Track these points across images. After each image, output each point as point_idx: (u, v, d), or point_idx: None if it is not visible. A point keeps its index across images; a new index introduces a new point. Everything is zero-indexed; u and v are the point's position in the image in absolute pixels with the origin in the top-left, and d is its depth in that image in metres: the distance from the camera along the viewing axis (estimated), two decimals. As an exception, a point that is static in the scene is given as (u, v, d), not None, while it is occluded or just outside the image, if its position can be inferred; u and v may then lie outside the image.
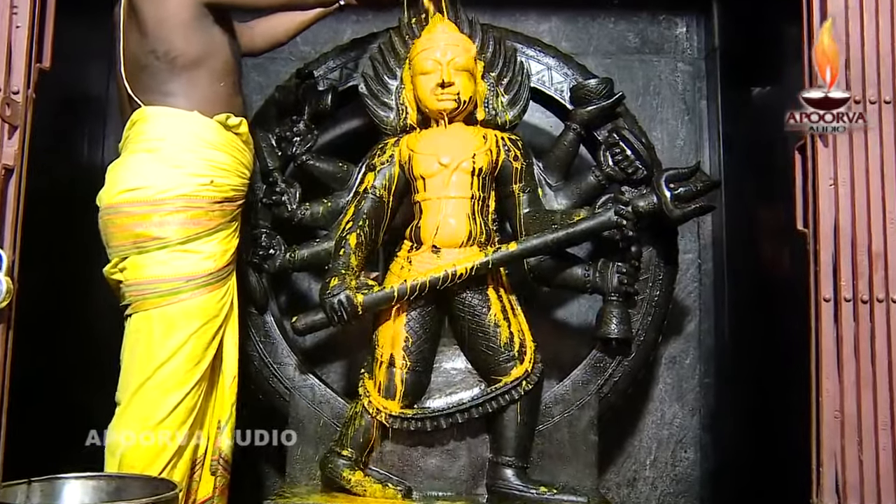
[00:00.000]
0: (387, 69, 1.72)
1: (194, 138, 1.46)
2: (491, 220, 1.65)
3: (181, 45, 1.45)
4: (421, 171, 1.61)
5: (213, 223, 1.47)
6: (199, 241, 1.45)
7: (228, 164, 1.51)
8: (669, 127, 2.18)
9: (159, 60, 1.45)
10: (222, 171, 1.49)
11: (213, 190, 1.47)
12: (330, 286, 1.52)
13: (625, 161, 1.67)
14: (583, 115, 1.70)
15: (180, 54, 1.45)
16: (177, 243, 1.43)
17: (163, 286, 1.42)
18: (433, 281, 1.52)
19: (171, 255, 1.43)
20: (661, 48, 2.23)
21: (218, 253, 1.48)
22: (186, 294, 1.43)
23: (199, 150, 1.46)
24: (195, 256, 1.45)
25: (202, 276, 1.45)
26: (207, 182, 1.46)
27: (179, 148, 1.45)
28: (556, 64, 1.80)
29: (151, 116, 1.47)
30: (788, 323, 1.55)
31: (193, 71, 1.47)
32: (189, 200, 1.44)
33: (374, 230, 1.63)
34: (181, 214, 1.43)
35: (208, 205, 1.46)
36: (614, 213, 1.53)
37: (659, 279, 1.72)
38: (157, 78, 1.46)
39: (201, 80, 1.48)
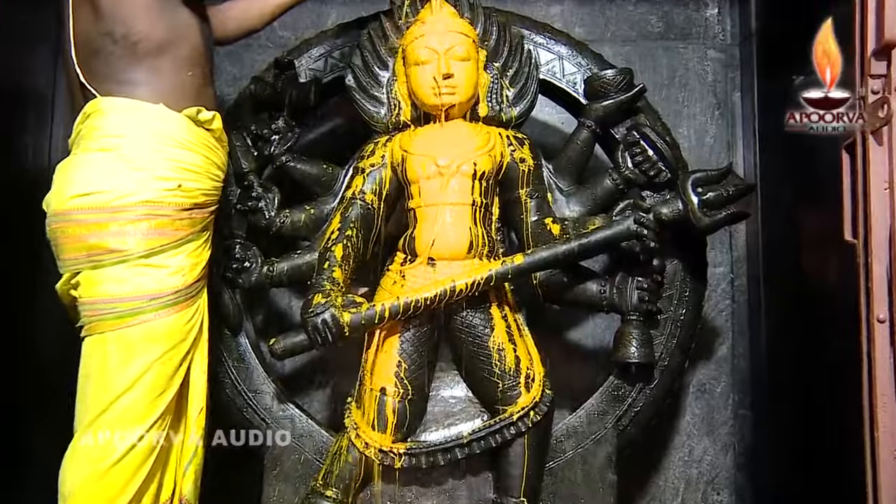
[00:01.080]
0: (377, 59, 1.76)
1: (159, 135, 1.45)
2: (494, 230, 1.69)
3: (143, 28, 1.44)
4: (416, 174, 1.64)
5: (181, 233, 1.47)
6: (164, 255, 1.45)
7: (199, 165, 1.50)
8: (697, 123, 2.22)
9: (117, 45, 1.44)
10: (192, 174, 1.49)
11: (180, 195, 1.46)
12: (312, 304, 1.54)
13: (646, 162, 1.71)
14: (598, 110, 1.74)
15: (142, 38, 1.45)
16: (138, 257, 1.42)
17: (122, 306, 1.41)
18: (429, 298, 1.54)
19: (131, 270, 1.42)
20: (689, 33, 2.27)
21: (186, 267, 1.48)
22: (150, 315, 1.43)
23: (165, 150, 1.46)
24: (160, 272, 1.44)
25: (168, 295, 1.45)
26: (174, 186, 1.45)
27: (142, 146, 1.44)
28: (569, 52, 1.84)
29: (108, 109, 1.45)
30: (836, 347, 1.58)
31: (157, 58, 1.47)
32: (153, 207, 1.43)
33: (362, 241, 1.66)
34: (144, 223, 1.42)
35: (175, 212, 1.46)
36: (634, 222, 1.56)
37: (685, 296, 1.75)
38: (114, 65, 1.45)
39: (166, 68, 1.48)
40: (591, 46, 1.89)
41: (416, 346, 1.63)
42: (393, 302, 1.55)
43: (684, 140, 2.15)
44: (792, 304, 1.93)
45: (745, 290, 2.18)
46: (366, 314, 1.54)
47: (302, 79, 1.83)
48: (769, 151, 2.08)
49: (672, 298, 1.74)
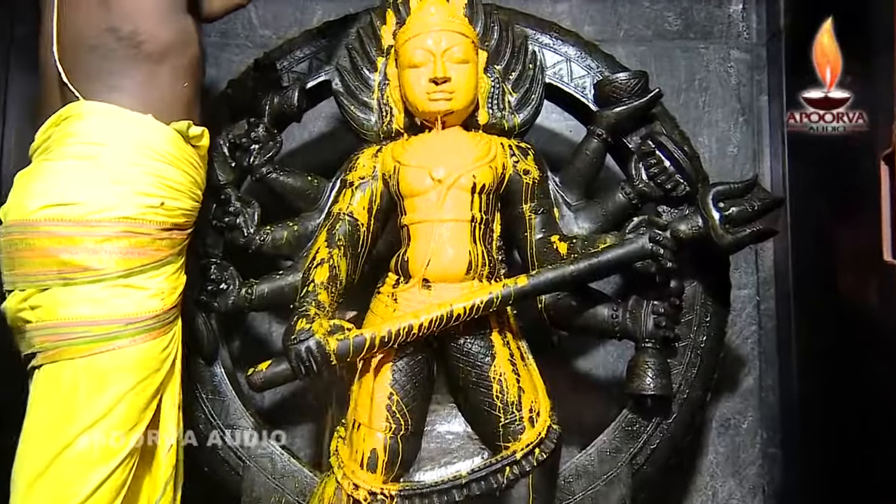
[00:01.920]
0: (367, 61, 1.80)
1: (143, 147, 1.48)
2: (496, 249, 1.71)
3: (151, 27, 1.47)
4: (409, 187, 1.67)
5: (162, 254, 1.50)
6: (143, 276, 1.47)
7: (182, 183, 1.53)
8: (719, 131, 2.25)
9: (120, 43, 1.46)
10: (175, 192, 1.51)
11: (162, 214, 1.49)
12: (295, 330, 1.54)
13: (662, 174, 1.74)
14: (610, 117, 1.77)
15: (148, 39, 1.47)
16: (116, 276, 1.44)
17: (95, 330, 1.42)
18: (424, 324, 1.55)
19: (108, 290, 1.43)
20: (710, 32, 2.30)
21: (166, 290, 1.51)
22: (125, 340, 1.44)
23: (149, 164, 1.48)
24: (139, 294, 1.46)
25: (146, 319, 1.47)
26: (157, 204, 1.48)
27: (124, 159, 1.46)
28: (577, 54, 1.87)
29: (91, 114, 1.46)
30: (876, 377, 1.60)
31: (158, 63, 1.49)
32: (133, 225, 1.45)
33: (350, 261, 1.68)
34: (122, 241, 1.44)
35: (156, 231, 1.48)
36: (649, 240, 1.57)
37: (706, 322, 1.77)
38: (109, 65, 1.47)
39: (163, 75, 1.50)
40: (601, 47, 1.92)
41: (409, 376, 1.64)
42: (384, 328, 1.56)
43: (705, 149, 2.18)
44: (826, 331, 1.95)
45: (773, 315, 2.19)
46: (354, 341, 1.55)
47: (285, 82, 1.85)
48: (799, 161, 2.10)
49: (691, 324, 1.76)
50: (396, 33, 1.76)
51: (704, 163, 1.86)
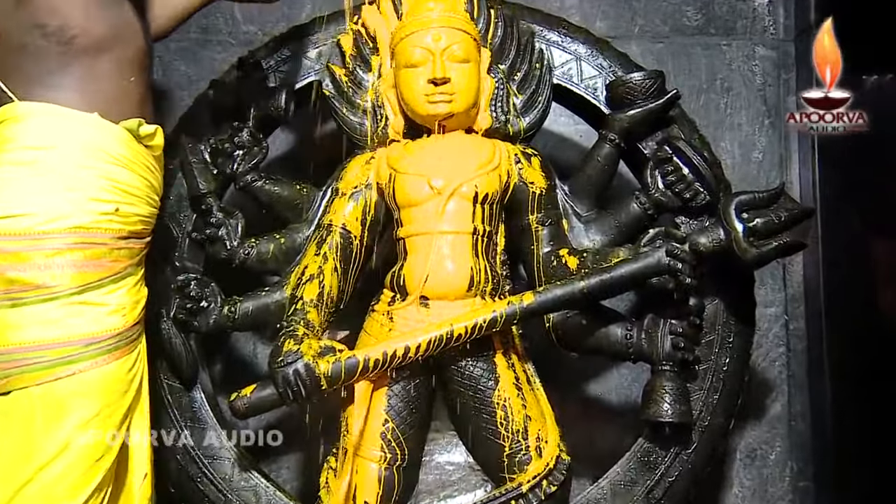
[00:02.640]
0: (360, 60, 1.82)
1: (92, 149, 1.46)
2: (499, 263, 1.73)
3: (82, 20, 1.45)
4: (406, 196, 1.68)
5: (120, 265, 1.49)
6: (100, 290, 1.46)
7: (137, 187, 1.52)
8: (743, 135, 2.26)
9: (48, 39, 1.44)
10: (130, 196, 1.50)
11: (118, 221, 1.48)
12: (282, 351, 1.55)
13: (680, 182, 1.74)
14: (623, 120, 1.78)
15: (80, 32, 1.45)
16: (71, 293, 1.42)
17: (50, 354, 1.40)
18: (422, 345, 1.56)
19: (62, 309, 1.41)
20: (733, 27, 2.31)
21: (127, 306, 1.50)
22: (85, 363, 1.43)
23: (100, 166, 1.46)
24: (97, 311, 1.45)
25: (107, 339, 1.46)
26: (111, 210, 1.47)
27: (72, 162, 1.44)
28: (588, 52, 1.88)
29: (28, 115, 1.44)
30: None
31: (96, 58, 1.48)
32: (86, 234, 1.44)
33: (342, 276, 1.70)
34: (76, 254, 1.43)
35: (112, 241, 1.47)
36: (666, 254, 1.57)
37: (729, 343, 1.77)
38: (41, 64, 1.46)
39: (105, 71, 1.49)
40: (614, 44, 1.92)
41: (406, 402, 1.66)
42: (379, 349, 1.57)
43: (727, 155, 2.20)
44: (861, 352, 1.95)
45: (804, 336, 2.20)
46: (346, 364, 1.56)
47: (271, 83, 1.87)
48: (831, 168, 2.10)
49: (713, 345, 1.76)
50: (393, 30, 1.77)
51: (727, 170, 1.87)
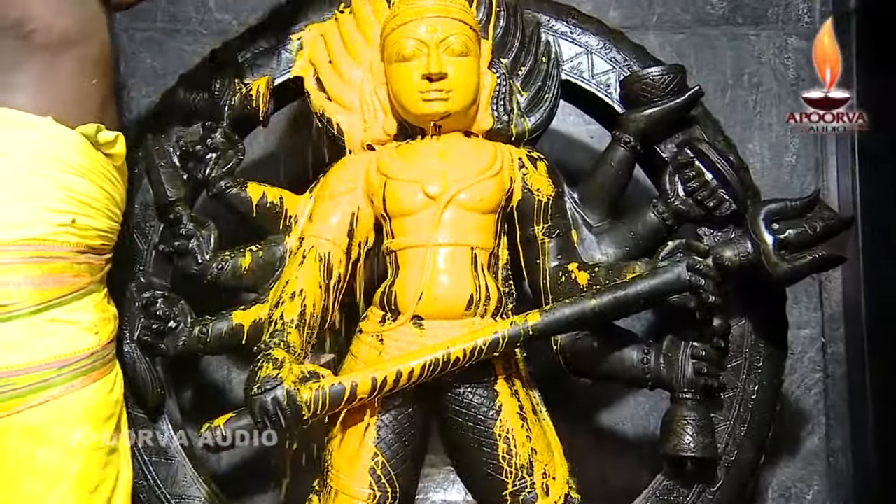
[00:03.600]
0: (347, 53, 1.83)
1: (46, 156, 1.47)
2: (502, 279, 1.75)
3: (44, 13, 1.46)
4: (398, 205, 1.70)
5: (82, 281, 1.50)
6: (66, 307, 1.47)
7: (96, 198, 1.52)
8: (774, 135, 2.27)
9: (4, 34, 1.45)
10: (87, 208, 1.50)
11: (75, 233, 1.48)
12: (260, 377, 1.53)
13: (703, 189, 1.75)
14: (639, 120, 1.79)
15: (41, 27, 1.46)
16: (31, 311, 1.42)
17: (18, 381, 1.40)
18: (415, 370, 1.56)
19: (25, 330, 1.42)
20: (763, 15, 2.32)
21: (98, 322, 1.51)
22: (59, 388, 1.43)
23: (55, 175, 1.47)
24: (68, 329, 1.46)
25: (82, 359, 1.46)
26: (68, 221, 1.47)
27: (25, 169, 1.45)
28: (600, 44, 1.90)
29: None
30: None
31: (57, 55, 1.48)
32: (43, 247, 1.44)
33: (327, 294, 1.70)
34: (33, 268, 1.43)
35: (71, 254, 1.48)
36: (687, 269, 1.57)
37: (757, 368, 1.78)
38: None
39: (65, 70, 1.49)
40: (629, 35, 1.93)
41: (397, 433, 1.66)
42: (367, 375, 1.56)
43: (755, 159, 2.21)
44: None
45: (843, 360, 2.21)
46: (331, 391, 1.55)
47: (248, 78, 1.88)
48: (873, 172, 2.12)
49: (740, 371, 1.77)
50: (383, 19, 1.78)
51: (755, 175, 1.87)
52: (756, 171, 1.94)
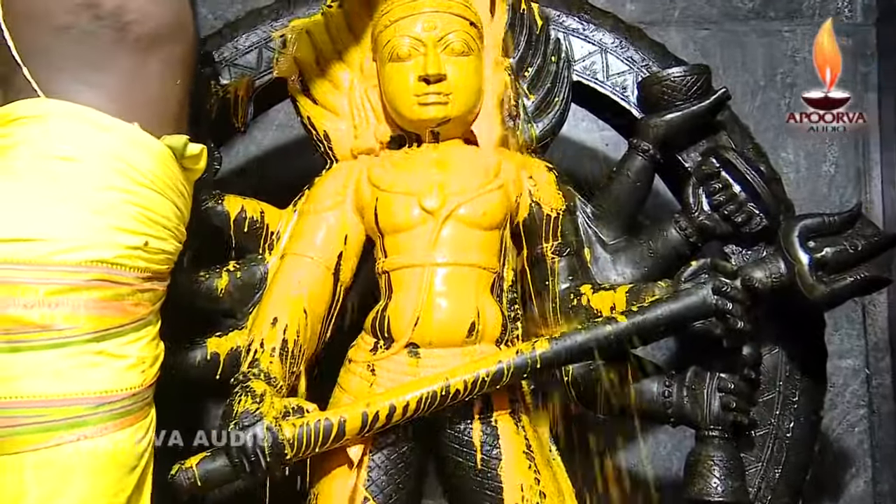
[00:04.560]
0: (336, 51, 1.85)
1: (126, 168, 1.44)
2: (507, 302, 1.76)
3: (144, 3, 1.46)
4: (392, 220, 1.71)
5: (142, 311, 1.48)
6: (121, 339, 1.44)
7: (169, 218, 1.51)
8: (810, 143, 2.28)
9: (100, 23, 1.43)
10: (161, 229, 1.49)
11: (144, 258, 1.47)
12: (237, 412, 1.55)
13: (730, 203, 1.76)
14: (659, 126, 1.79)
15: (139, 19, 1.45)
16: (86, 340, 1.40)
17: (53, 413, 1.37)
18: (410, 404, 1.56)
19: (73, 359, 1.39)
20: (797, 9, 2.34)
21: (147, 360, 1.49)
22: (93, 428, 1.40)
23: (134, 190, 1.45)
24: (115, 364, 1.43)
25: (123, 399, 1.44)
26: (140, 244, 1.45)
27: (102, 181, 1.42)
28: (616, 42, 1.91)
29: (55, 116, 1.43)
30: None
31: (147, 53, 1.48)
32: (109, 271, 1.42)
33: (313, 318, 1.71)
34: (94, 292, 1.40)
35: (137, 281, 1.46)
36: (712, 291, 1.57)
37: (793, 403, 1.78)
38: (82, 53, 1.44)
39: (153, 70, 1.49)
40: (648, 32, 1.94)
41: (391, 475, 1.66)
42: (357, 409, 1.57)
43: (790, 169, 2.23)
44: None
45: (890, 394, 2.21)
46: (317, 427, 1.55)
47: (225, 79, 1.89)
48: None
49: (773, 406, 1.77)
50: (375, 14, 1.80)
51: (789, 186, 1.88)
52: (790, 182, 1.94)
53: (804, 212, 1.72)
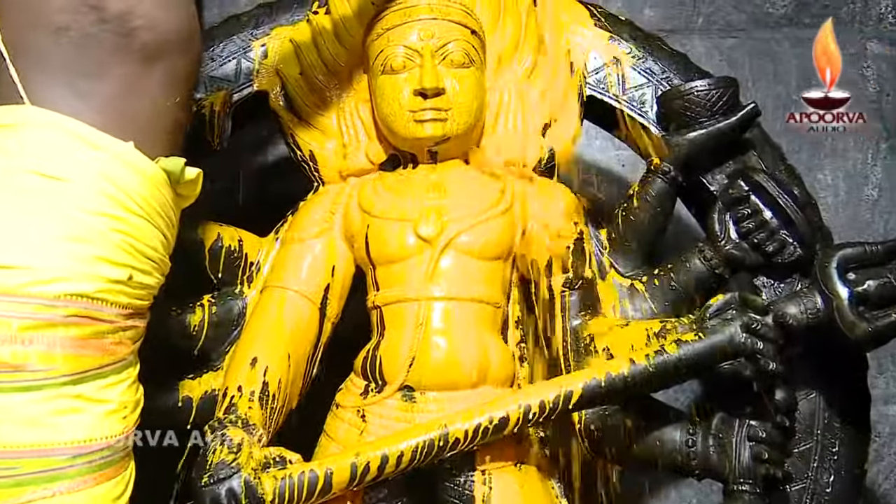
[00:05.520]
0: (322, 62, 1.87)
1: (115, 192, 1.42)
2: (514, 339, 1.78)
3: (153, 9, 1.44)
4: (384, 250, 1.72)
5: (124, 350, 1.47)
6: (101, 382, 1.42)
7: (155, 247, 1.49)
8: (850, 163, 2.30)
9: (103, 27, 1.41)
10: (146, 262, 1.47)
11: (127, 293, 1.45)
12: (212, 463, 1.55)
13: (761, 230, 1.76)
14: (682, 145, 1.80)
15: (146, 25, 1.43)
16: (63, 382, 1.37)
17: (25, 465, 1.34)
18: (405, 454, 1.55)
19: (47, 404, 1.36)
20: (836, 15, 2.36)
21: (129, 405, 1.48)
22: (68, 482, 1.37)
23: (120, 216, 1.42)
24: (95, 409, 1.41)
25: (101, 449, 1.41)
26: (124, 277, 1.43)
27: (85, 203, 1.39)
28: (633, 52, 1.92)
29: (41, 127, 1.39)
30: None
31: (151, 63, 1.46)
32: (90, 306, 1.39)
33: (297, 359, 1.73)
34: (72, 330, 1.37)
35: (120, 318, 1.44)
36: (741, 329, 1.57)
37: (832, 454, 1.78)
38: (82, 59, 1.42)
39: (155, 83, 1.48)
40: (668, 41, 1.95)
41: (383, 532, 1.66)
42: (346, 460, 1.56)
43: (827, 193, 2.24)
44: None
45: (945, 445, 2.21)
46: (300, 480, 1.54)
47: (200, 92, 1.90)
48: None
49: (810, 457, 1.77)
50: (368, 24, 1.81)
51: (826, 211, 1.89)
52: (827, 207, 1.95)
53: (843, 240, 1.71)
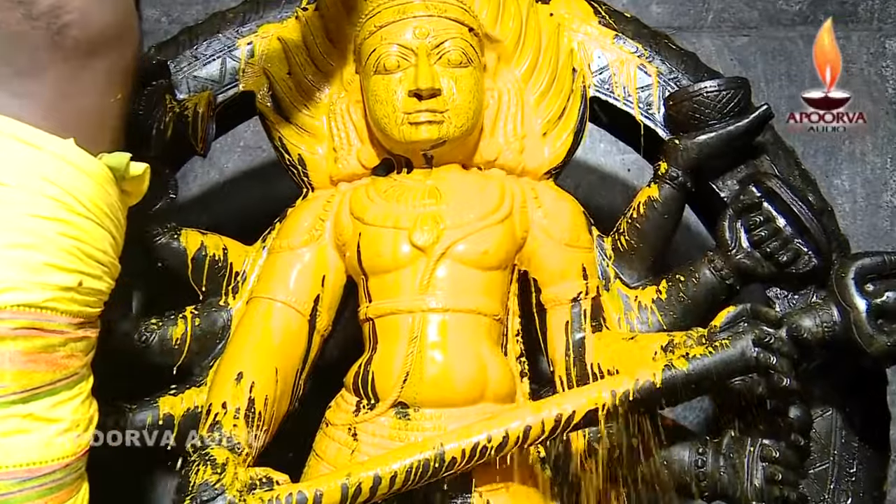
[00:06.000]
0: (312, 61, 1.88)
1: (61, 193, 1.41)
2: (515, 353, 1.78)
3: (83, 3, 1.42)
4: (376, 258, 1.72)
5: (76, 364, 1.45)
6: (51, 399, 1.41)
7: (104, 250, 1.48)
8: (869, 168, 2.30)
9: (33, 24, 1.40)
10: (96, 266, 1.46)
11: (77, 300, 1.43)
12: (194, 485, 1.55)
13: (773, 239, 1.76)
14: (690, 149, 1.80)
15: (78, 21, 1.41)
16: (11, 401, 1.36)
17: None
18: (399, 474, 1.54)
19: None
20: (853, 12, 2.38)
21: (82, 422, 1.47)
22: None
23: (67, 219, 1.41)
24: (45, 430, 1.40)
25: (54, 471, 1.41)
26: (73, 284, 1.41)
27: (27, 206, 1.38)
28: (639, 51, 1.92)
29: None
30: None
31: (85, 60, 1.45)
32: (38, 316, 1.37)
33: (285, 374, 1.73)
34: (21, 343, 1.36)
35: (71, 328, 1.43)
36: (753, 343, 1.56)
37: (850, 474, 1.78)
38: (12, 58, 1.42)
39: (90, 81, 1.47)
40: (677, 39, 1.95)
41: (375, 558, 1.66)
42: (336, 481, 1.55)
43: (844, 199, 2.24)
44: None
45: (971, 469, 2.22)
46: (287, 502, 1.53)
47: (183, 93, 1.91)
48: None
49: (826, 478, 1.77)
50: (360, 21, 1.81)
51: (843, 219, 1.92)
52: (844, 214, 1.95)
53: (861, 249, 1.73)
